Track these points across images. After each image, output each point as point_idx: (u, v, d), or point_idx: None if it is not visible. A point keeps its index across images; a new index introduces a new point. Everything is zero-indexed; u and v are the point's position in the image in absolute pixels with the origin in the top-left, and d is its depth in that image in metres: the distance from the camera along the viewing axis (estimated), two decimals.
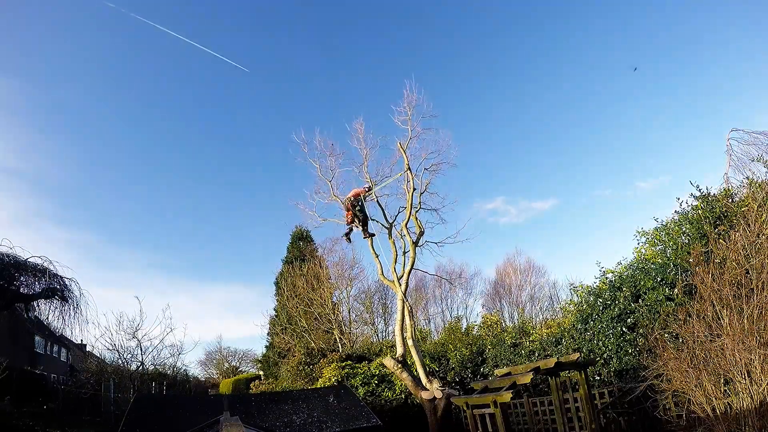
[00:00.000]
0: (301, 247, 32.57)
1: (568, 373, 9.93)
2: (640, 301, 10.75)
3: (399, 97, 14.13)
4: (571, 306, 16.74)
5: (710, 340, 7.16)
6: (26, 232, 59.76)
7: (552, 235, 60.00)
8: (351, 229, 13.14)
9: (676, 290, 9.78)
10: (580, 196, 59.72)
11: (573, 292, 15.77)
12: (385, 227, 14.04)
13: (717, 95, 48.65)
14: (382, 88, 61.89)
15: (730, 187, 10.67)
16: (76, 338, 19.57)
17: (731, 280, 7.16)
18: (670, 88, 51.34)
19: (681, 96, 50.83)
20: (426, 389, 11.79)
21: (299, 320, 26.71)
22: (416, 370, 12.50)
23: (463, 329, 24.61)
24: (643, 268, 11.57)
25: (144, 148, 65.45)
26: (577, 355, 8.68)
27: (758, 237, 7.33)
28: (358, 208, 12.65)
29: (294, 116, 65.00)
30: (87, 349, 33.49)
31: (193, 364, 50.13)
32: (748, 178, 9.94)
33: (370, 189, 13.31)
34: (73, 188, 61.43)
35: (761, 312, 6.67)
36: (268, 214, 66.22)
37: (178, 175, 66.97)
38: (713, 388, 7.00)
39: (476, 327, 24.02)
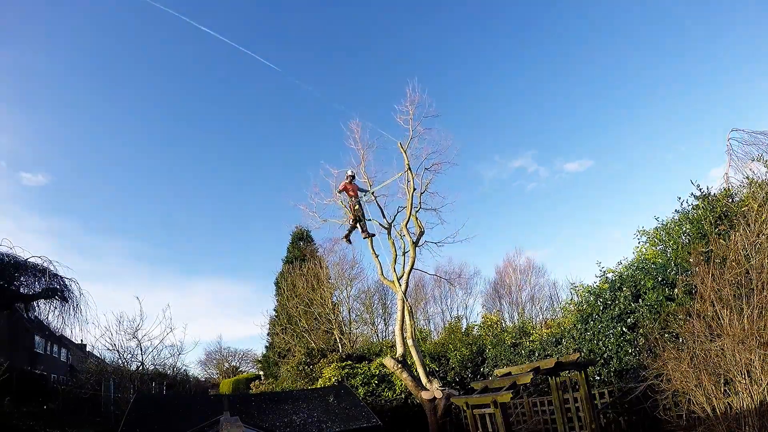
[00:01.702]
0: (302, 247, 32.61)
1: (568, 373, 9.91)
2: (640, 301, 10.73)
3: (401, 97, 14.21)
4: (571, 306, 16.72)
5: (710, 340, 7.15)
6: None
7: (581, 207, 53.81)
8: (352, 229, 13.13)
9: (676, 290, 9.77)
10: (617, 158, 53.42)
11: (573, 292, 15.80)
12: (385, 227, 14.04)
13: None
14: (383, 88, 61.87)
15: (730, 187, 10.66)
16: (76, 338, 19.61)
17: (731, 280, 7.16)
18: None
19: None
20: (426, 389, 11.79)
21: (299, 320, 26.71)
22: (416, 370, 12.49)
23: (463, 329, 24.59)
24: (644, 267, 11.56)
25: (143, 149, 65.54)
26: (577, 355, 8.68)
27: (758, 237, 7.33)
28: (357, 207, 12.66)
29: (294, 113, 65.07)
30: (87, 349, 33.50)
31: (193, 364, 50.08)
32: (748, 178, 9.93)
33: (353, 177, 13.15)
34: (57, 176, 59.96)
35: (761, 312, 6.67)
36: (269, 213, 66.32)
37: (178, 172, 67.04)
38: (713, 388, 6.99)
39: (476, 327, 23.99)
